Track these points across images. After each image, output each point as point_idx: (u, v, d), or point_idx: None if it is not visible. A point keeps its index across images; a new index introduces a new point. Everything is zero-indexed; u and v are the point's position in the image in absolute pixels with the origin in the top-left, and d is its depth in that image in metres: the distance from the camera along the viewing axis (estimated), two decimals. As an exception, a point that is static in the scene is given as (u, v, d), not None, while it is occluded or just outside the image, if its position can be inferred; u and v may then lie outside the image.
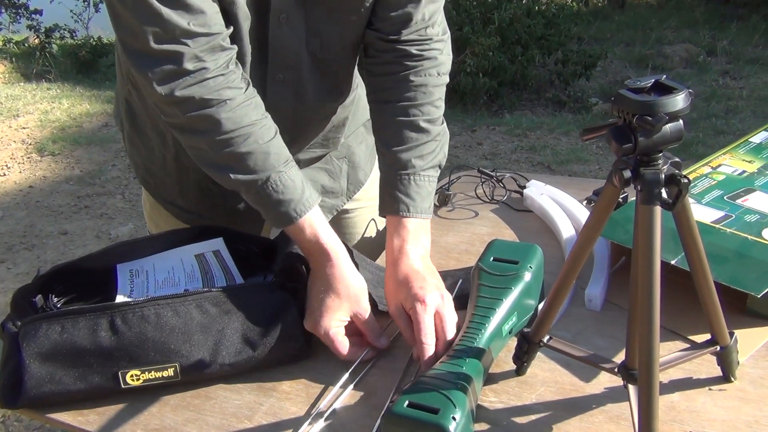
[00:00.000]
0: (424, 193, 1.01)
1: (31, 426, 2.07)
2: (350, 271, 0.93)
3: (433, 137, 1.02)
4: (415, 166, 1.00)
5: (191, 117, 0.89)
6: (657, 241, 0.67)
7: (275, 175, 0.91)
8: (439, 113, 1.04)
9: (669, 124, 0.65)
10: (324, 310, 0.91)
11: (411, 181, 1.00)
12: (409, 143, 1.00)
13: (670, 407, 0.82)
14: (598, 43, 5.95)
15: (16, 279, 2.88)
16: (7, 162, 4.12)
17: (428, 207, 1.01)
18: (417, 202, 0.99)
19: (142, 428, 0.86)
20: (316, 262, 0.94)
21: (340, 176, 1.23)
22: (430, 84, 1.02)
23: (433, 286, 0.93)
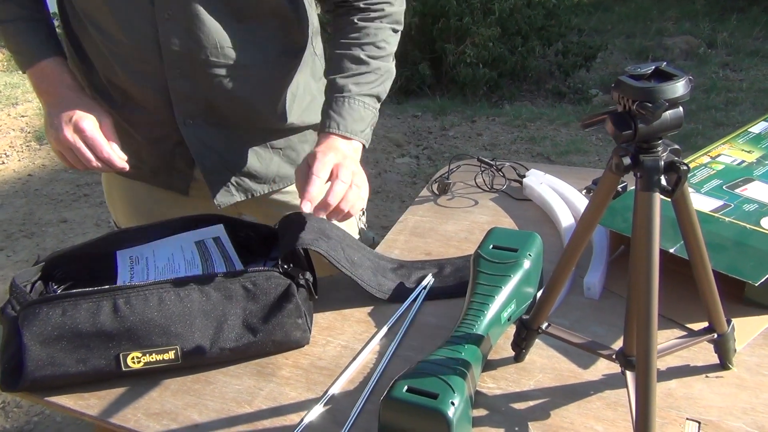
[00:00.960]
0: (356, 116, 1.04)
1: (31, 412, 2.08)
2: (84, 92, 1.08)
3: (373, 69, 1.08)
4: (350, 90, 1.05)
5: None
6: (656, 228, 0.67)
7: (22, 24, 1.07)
8: (381, 53, 1.10)
9: (669, 111, 0.65)
10: (74, 112, 1.02)
11: (344, 102, 1.04)
12: (348, 71, 1.06)
13: (667, 394, 0.83)
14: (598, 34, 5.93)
15: (16, 266, 2.88)
16: (6, 150, 4.11)
17: (361, 131, 1.05)
18: (348, 122, 1.03)
19: (143, 412, 0.86)
20: (58, 93, 1.06)
21: (270, 164, 1.21)
22: (372, 27, 1.08)
23: (347, 170, 0.98)
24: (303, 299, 0.94)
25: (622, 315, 0.80)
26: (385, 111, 4.41)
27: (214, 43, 1.04)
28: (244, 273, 0.92)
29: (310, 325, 0.96)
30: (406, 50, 4.77)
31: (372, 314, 1.01)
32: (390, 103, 4.56)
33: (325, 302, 1.03)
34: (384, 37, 1.10)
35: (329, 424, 0.82)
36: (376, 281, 1.04)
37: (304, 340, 0.94)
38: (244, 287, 0.91)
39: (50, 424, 2.03)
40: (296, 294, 0.93)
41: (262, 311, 0.91)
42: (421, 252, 1.17)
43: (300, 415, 0.84)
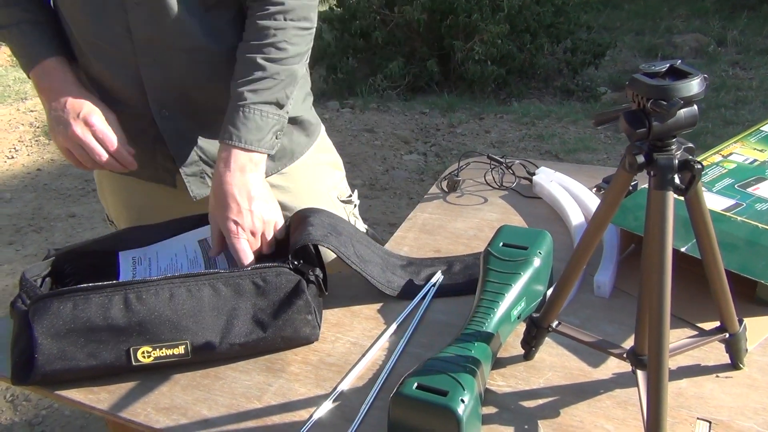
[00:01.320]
0: (252, 125, 1.02)
1: (40, 405, 2.09)
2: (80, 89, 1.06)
3: (271, 75, 1.04)
4: (246, 99, 1.03)
5: None
6: (669, 227, 0.66)
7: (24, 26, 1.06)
8: (282, 55, 1.05)
9: (683, 109, 0.65)
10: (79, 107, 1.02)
11: (240, 112, 1.02)
12: (245, 77, 1.03)
13: (678, 393, 0.82)
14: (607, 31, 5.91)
15: (25, 260, 2.90)
16: (16, 145, 4.13)
17: (258, 140, 1.03)
18: (242, 133, 1.02)
19: (153, 407, 0.86)
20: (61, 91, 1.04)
21: None
22: (272, 27, 1.04)
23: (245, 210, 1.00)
24: (313, 295, 0.94)
25: (632, 313, 0.80)
26: (393, 108, 4.41)
27: (181, 29, 1.04)
28: (254, 269, 0.92)
29: (320, 321, 0.96)
30: (414, 47, 4.77)
31: (381, 311, 1.01)
32: (397, 100, 4.56)
33: (334, 299, 1.03)
34: (286, 37, 1.04)
35: (338, 420, 0.82)
36: (386, 278, 1.04)
37: (313, 337, 0.94)
38: (254, 283, 0.92)
39: (59, 417, 2.04)
40: (306, 290, 0.93)
41: (271, 307, 0.91)
42: (431, 249, 1.17)
43: (309, 411, 0.84)
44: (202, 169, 1.16)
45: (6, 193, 3.56)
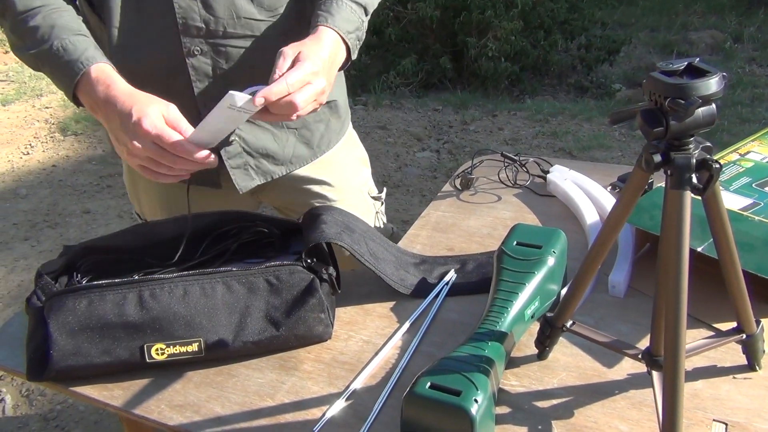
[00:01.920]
0: (345, 15, 1.02)
1: (55, 400, 2.11)
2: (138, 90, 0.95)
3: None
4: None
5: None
6: (686, 227, 0.66)
7: (58, 42, 0.96)
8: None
9: (701, 108, 0.64)
10: (138, 115, 0.90)
11: (332, 2, 1.02)
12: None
13: (693, 395, 0.81)
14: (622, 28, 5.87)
15: (40, 256, 2.92)
16: (31, 141, 4.16)
17: (348, 32, 1.02)
18: (336, 19, 1.01)
19: (166, 404, 0.87)
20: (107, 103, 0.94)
21: (286, 145, 1.20)
22: None
23: (316, 66, 0.94)
24: (326, 294, 0.94)
25: (647, 313, 0.79)
26: (406, 105, 4.40)
27: (230, 13, 1.04)
28: (267, 267, 0.92)
29: (333, 319, 0.96)
30: (427, 44, 4.75)
31: (394, 309, 1.01)
32: (410, 96, 4.55)
33: (347, 297, 1.03)
34: None
35: (351, 418, 0.82)
36: (399, 276, 1.04)
37: (326, 335, 0.94)
38: (267, 281, 0.92)
39: (73, 412, 2.06)
40: (319, 288, 0.93)
41: (284, 305, 0.91)
42: (444, 247, 1.16)
43: (322, 409, 0.84)
44: (245, 161, 1.16)
45: (22, 189, 3.59)
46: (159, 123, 0.90)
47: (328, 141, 1.24)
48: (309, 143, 1.21)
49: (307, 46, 0.95)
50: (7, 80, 5.26)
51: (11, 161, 3.91)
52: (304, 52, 0.94)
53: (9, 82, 5.21)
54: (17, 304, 2.57)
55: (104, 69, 0.96)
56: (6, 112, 4.64)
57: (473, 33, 4.56)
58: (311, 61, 0.93)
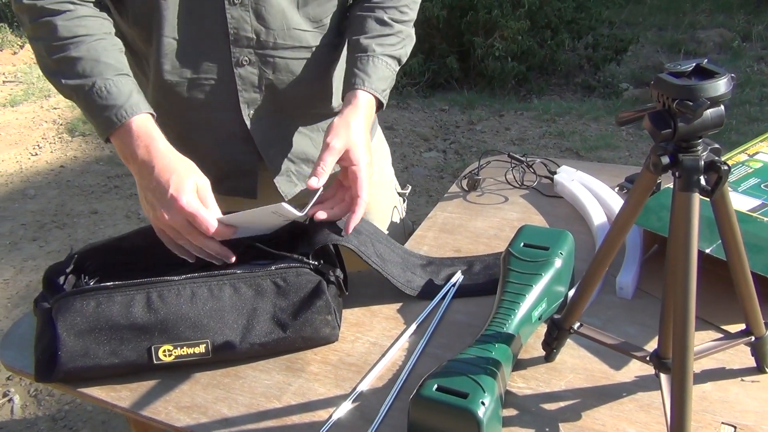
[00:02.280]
0: (381, 74, 1.06)
1: (63, 400, 2.12)
2: (177, 153, 0.95)
3: (395, 32, 1.10)
4: (374, 51, 1.06)
5: (35, 24, 0.95)
6: (694, 229, 0.65)
7: (101, 81, 0.93)
8: (403, 17, 1.11)
9: (710, 110, 0.63)
10: (174, 188, 0.90)
11: (369, 60, 1.05)
12: (371, 33, 1.08)
13: (702, 397, 0.81)
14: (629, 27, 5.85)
15: (48, 257, 2.93)
16: (39, 142, 4.18)
17: (382, 90, 1.06)
18: (372, 79, 1.04)
19: (174, 405, 0.87)
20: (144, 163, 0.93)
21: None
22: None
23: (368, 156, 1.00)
24: (333, 296, 0.94)
25: (655, 315, 0.78)
26: (412, 105, 4.40)
27: (281, 24, 1.05)
28: (275, 269, 0.92)
29: (340, 321, 0.96)
30: (434, 43, 4.75)
31: (401, 311, 1.01)
32: (417, 96, 4.55)
33: (353, 298, 1.03)
34: (406, 2, 1.12)
35: (358, 420, 0.82)
36: (405, 277, 1.04)
37: (333, 337, 0.94)
38: (274, 283, 0.92)
39: (81, 412, 2.07)
40: (326, 291, 0.93)
41: (291, 307, 0.92)
42: (450, 248, 1.16)
43: (329, 411, 0.84)
44: (287, 167, 1.17)
45: (30, 189, 3.60)
46: (195, 203, 0.91)
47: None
48: None
49: (352, 132, 0.99)
50: (16, 81, 5.28)
51: (20, 162, 3.93)
52: (352, 150, 0.98)
53: (17, 83, 5.23)
54: (26, 305, 2.58)
55: (146, 124, 0.94)
56: (14, 113, 4.66)
57: (480, 33, 4.55)
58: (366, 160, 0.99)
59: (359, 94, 1.03)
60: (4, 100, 4.87)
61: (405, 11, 1.11)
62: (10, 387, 2.19)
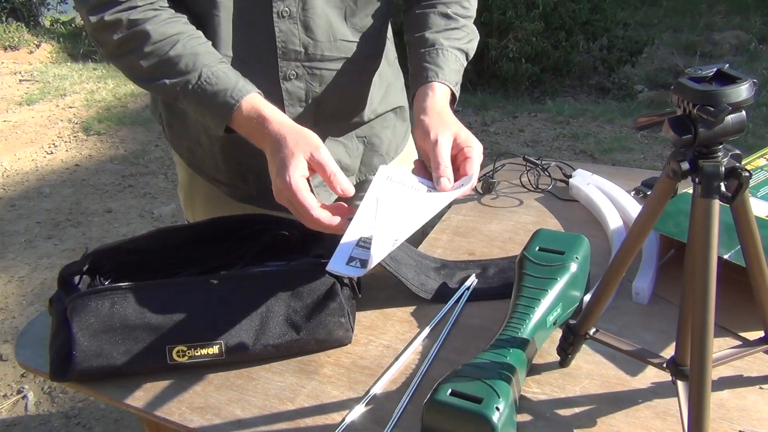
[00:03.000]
0: (453, 66, 1.02)
1: (76, 398, 2.13)
2: (293, 123, 0.92)
3: (461, 26, 1.06)
4: (442, 44, 1.02)
5: (121, 39, 0.94)
6: (714, 236, 0.65)
7: (207, 69, 0.93)
8: (467, 12, 1.09)
9: (731, 115, 0.63)
10: (281, 166, 0.87)
11: (439, 53, 1.01)
12: (436, 27, 1.04)
13: (719, 405, 0.80)
14: (644, 28, 5.81)
15: (63, 255, 2.95)
16: (55, 141, 4.21)
17: (455, 83, 1.01)
18: (446, 72, 1.00)
19: (187, 406, 0.87)
20: (263, 140, 0.91)
21: (356, 155, 1.20)
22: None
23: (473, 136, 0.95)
24: (346, 298, 0.94)
25: (671, 321, 0.78)
26: (426, 106, 4.39)
27: (328, 36, 1.05)
28: (289, 271, 0.92)
29: (353, 324, 0.96)
30: (448, 44, 4.74)
31: (414, 314, 1.01)
32: (430, 97, 4.53)
33: (367, 301, 1.03)
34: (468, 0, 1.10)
35: (371, 424, 0.82)
36: (419, 280, 1.03)
37: (346, 339, 0.94)
38: (288, 285, 0.92)
39: (94, 410, 2.08)
40: (340, 293, 0.92)
41: (305, 309, 0.91)
42: (464, 252, 1.16)
43: (342, 414, 0.84)
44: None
45: (45, 188, 3.63)
46: (297, 183, 0.86)
47: (396, 147, 1.24)
48: (378, 150, 1.22)
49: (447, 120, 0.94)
50: (32, 80, 5.33)
51: (35, 160, 3.97)
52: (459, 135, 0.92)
53: (33, 82, 5.28)
54: (40, 302, 2.60)
55: (255, 102, 0.93)
56: (30, 112, 4.70)
57: (494, 34, 4.54)
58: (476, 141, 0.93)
59: (435, 86, 0.98)
60: (20, 99, 4.91)
61: (467, 6, 1.09)
62: (25, 384, 2.20)
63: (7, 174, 3.81)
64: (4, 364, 2.31)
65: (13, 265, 2.91)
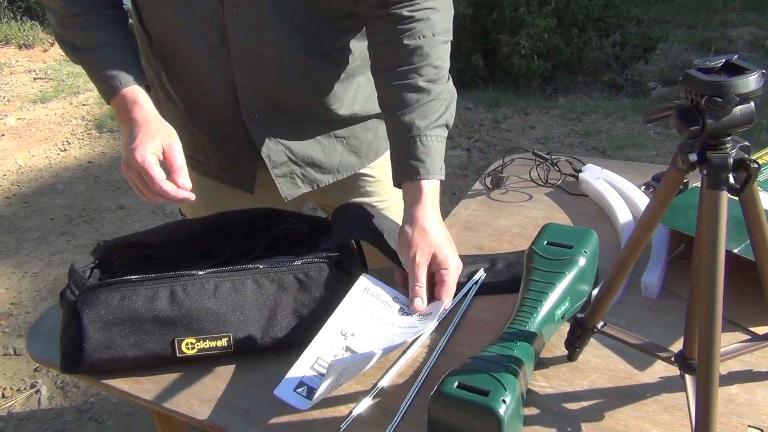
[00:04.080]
0: (433, 153, 0.97)
1: (89, 392, 2.15)
2: (160, 117, 1.03)
3: (435, 96, 0.99)
4: (419, 127, 0.97)
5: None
6: (722, 229, 0.64)
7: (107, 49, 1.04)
8: (440, 73, 1.00)
9: (739, 106, 0.62)
10: (136, 143, 0.96)
11: (417, 143, 0.96)
12: (410, 105, 0.98)
13: (728, 399, 0.80)
14: (658, 25, 5.76)
15: (76, 251, 2.97)
16: (68, 138, 4.24)
17: (440, 168, 0.98)
18: (427, 164, 0.96)
19: (196, 398, 0.88)
20: (127, 116, 1.02)
21: (333, 154, 1.20)
22: (425, 46, 0.99)
23: (454, 253, 0.94)
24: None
25: (680, 316, 0.77)
26: (437, 102, 4.38)
27: (283, 43, 1.04)
28: (297, 264, 0.92)
29: (361, 317, 0.96)
30: (459, 41, 4.72)
31: (422, 308, 1.01)
32: (442, 94, 4.53)
33: (375, 294, 1.03)
34: (439, 54, 1.00)
35: (378, 417, 0.82)
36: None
37: (354, 332, 0.94)
38: (296, 278, 0.92)
39: (106, 405, 2.10)
40: (349, 285, 0.92)
41: (314, 302, 0.92)
42: (473, 246, 1.16)
43: (349, 407, 0.84)
44: (291, 170, 1.17)
45: (59, 184, 3.66)
46: (149, 158, 0.95)
47: (377, 149, 1.23)
48: (357, 152, 1.22)
49: (431, 236, 0.92)
50: (46, 78, 5.37)
51: (49, 157, 4.00)
52: (438, 253, 0.92)
53: (47, 80, 5.32)
54: (53, 298, 2.62)
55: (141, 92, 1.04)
56: (44, 109, 4.74)
57: (506, 30, 4.52)
58: (455, 261, 0.92)
59: (423, 186, 0.95)
60: (34, 97, 4.95)
61: (439, 65, 1.00)
62: (38, 378, 2.22)
63: (21, 171, 3.84)
64: (18, 359, 2.33)
65: (27, 261, 2.93)
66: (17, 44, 6.02)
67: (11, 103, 4.87)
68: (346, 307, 0.90)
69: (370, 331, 0.88)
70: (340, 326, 0.88)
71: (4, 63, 5.67)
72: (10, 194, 3.59)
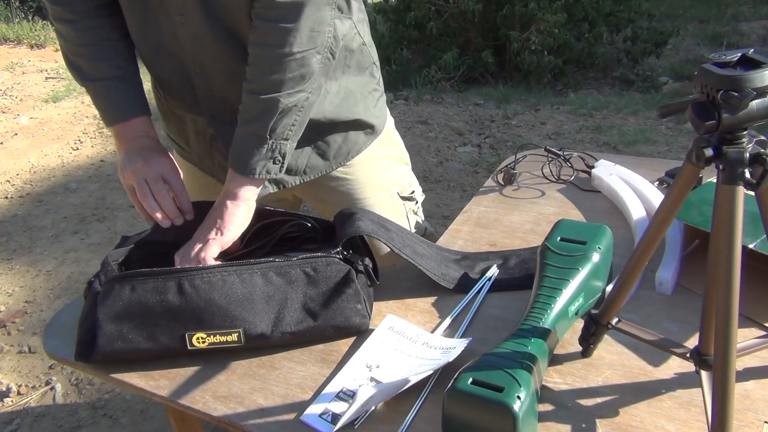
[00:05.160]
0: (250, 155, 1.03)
1: (103, 389, 2.17)
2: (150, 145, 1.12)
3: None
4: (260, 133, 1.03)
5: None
6: (738, 223, 0.64)
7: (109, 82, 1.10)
8: (249, 86, 1.02)
9: (756, 101, 0.62)
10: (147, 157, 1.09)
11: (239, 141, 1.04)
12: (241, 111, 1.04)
13: (744, 395, 0.79)
14: (669, 19, 5.73)
15: (89, 249, 2.99)
16: (80, 137, 4.27)
17: (252, 169, 1.04)
18: (238, 163, 1.04)
19: (211, 394, 0.88)
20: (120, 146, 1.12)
21: (300, 156, 1.18)
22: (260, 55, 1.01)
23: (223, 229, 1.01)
24: (362, 284, 0.95)
25: (695, 311, 0.77)
26: (447, 99, 4.38)
27: (224, 50, 1.04)
28: (304, 258, 0.93)
29: (370, 310, 0.97)
30: (469, 38, 4.72)
31: (435, 304, 1.01)
32: (451, 91, 4.52)
33: (388, 292, 1.03)
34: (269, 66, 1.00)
35: (392, 413, 0.82)
36: (441, 270, 1.03)
37: (363, 326, 0.95)
38: (304, 272, 0.92)
39: (120, 401, 2.11)
40: (355, 279, 0.93)
41: (322, 296, 0.92)
42: (486, 243, 1.15)
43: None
44: None
45: (71, 183, 3.68)
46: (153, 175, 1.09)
47: (346, 153, 1.20)
48: (325, 155, 1.20)
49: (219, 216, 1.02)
50: (58, 77, 5.40)
51: (61, 156, 4.02)
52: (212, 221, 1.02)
53: (59, 80, 5.35)
54: (68, 296, 2.64)
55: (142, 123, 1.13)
56: (57, 109, 4.77)
57: (516, 26, 4.51)
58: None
59: (229, 182, 1.04)
60: (46, 96, 4.98)
61: (248, 79, 1.00)
62: (52, 375, 2.24)
63: (34, 170, 3.87)
64: (33, 356, 2.35)
65: (41, 259, 2.95)
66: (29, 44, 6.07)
67: (24, 102, 4.91)
68: (372, 343, 0.93)
69: (395, 363, 0.89)
70: (366, 359, 0.90)
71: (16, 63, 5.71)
72: (24, 193, 3.61)
